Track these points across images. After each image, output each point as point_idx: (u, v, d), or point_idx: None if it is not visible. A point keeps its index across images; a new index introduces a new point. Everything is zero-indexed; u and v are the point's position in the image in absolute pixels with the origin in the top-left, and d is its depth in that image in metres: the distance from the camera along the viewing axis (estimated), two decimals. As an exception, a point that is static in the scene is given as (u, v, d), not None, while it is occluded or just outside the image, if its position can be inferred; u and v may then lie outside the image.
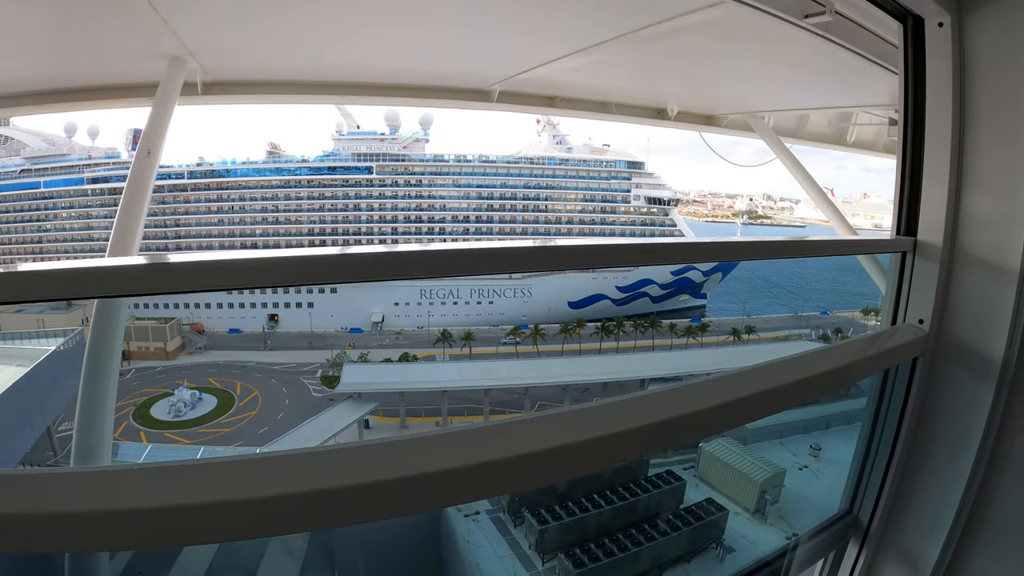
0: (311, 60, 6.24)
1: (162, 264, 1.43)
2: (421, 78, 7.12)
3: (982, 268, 2.68)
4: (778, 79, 7.13)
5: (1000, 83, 2.49)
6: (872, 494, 3.25)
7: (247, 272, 1.61)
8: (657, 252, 2.21)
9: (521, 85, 7.21)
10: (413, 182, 73.67)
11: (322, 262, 1.68)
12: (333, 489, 1.24)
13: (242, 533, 1.21)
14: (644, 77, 7.46)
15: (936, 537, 2.99)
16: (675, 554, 6.95)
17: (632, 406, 1.79)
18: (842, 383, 2.49)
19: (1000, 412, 2.68)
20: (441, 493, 1.43)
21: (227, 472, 1.23)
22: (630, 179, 78.90)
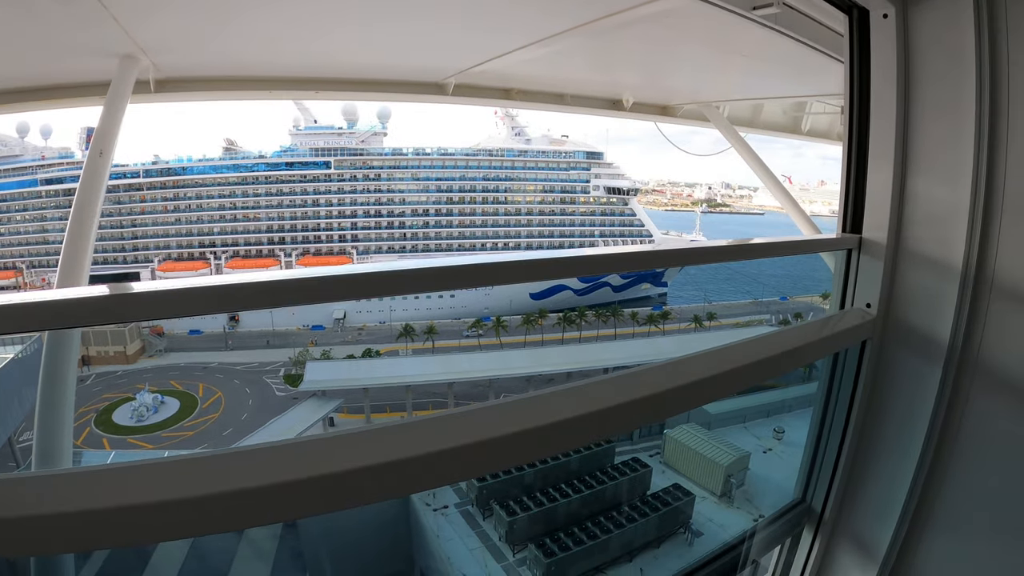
0: (266, 56, 6.18)
1: (122, 295, 1.43)
2: (377, 72, 7.10)
3: (927, 254, 2.74)
4: (732, 69, 7.23)
5: (944, 73, 2.54)
6: (825, 480, 3.33)
7: (214, 298, 1.62)
8: (602, 262, 2.24)
9: (476, 78, 7.22)
10: (372, 176, 72.97)
11: (286, 286, 1.71)
12: (298, 481, 1.26)
13: (206, 528, 1.22)
14: (599, 68, 7.51)
15: (888, 520, 3.07)
16: (644, 540, 7.04)
17: (594, 389, 1.82)
18: (794, 364, 2.55)
19: (948, 393, 2.76)
20: (406, 480, 1.44)
21: (191, 469, 1.24)
22: (589, 170, 79.05)
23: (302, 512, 1.34)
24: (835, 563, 3.47)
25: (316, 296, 1.76)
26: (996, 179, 2.47)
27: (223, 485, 1.20)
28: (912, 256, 2.80)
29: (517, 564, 6.10)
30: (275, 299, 1.72)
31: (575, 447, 1.75)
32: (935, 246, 2.70)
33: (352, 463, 1.32)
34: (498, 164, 76.46)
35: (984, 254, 2.56)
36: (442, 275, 1.96)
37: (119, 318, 1.50)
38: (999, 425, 2.70)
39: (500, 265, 2.08)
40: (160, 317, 1.49)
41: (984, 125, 2.44)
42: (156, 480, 1.20)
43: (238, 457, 1.32)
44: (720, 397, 2.22)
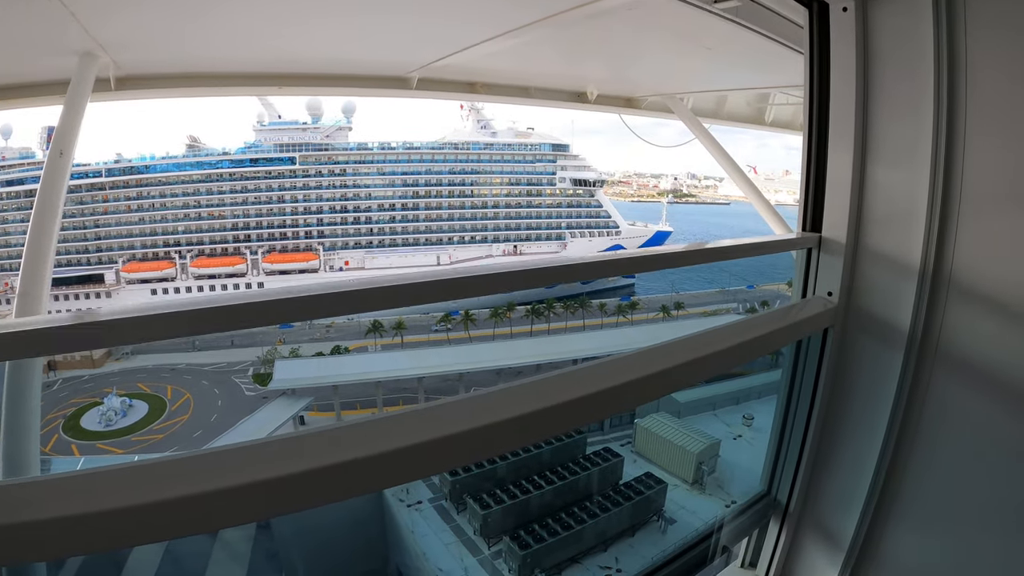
0: (229, 52, 6.10)
1: (94, 323, 1.42)
2: (340, 67, 7.04)
3: (886, 243, 2.79)
4: (696, 62, 7.27)
5: (903, 67, 2.57)
6: (790, 470, 3.39)
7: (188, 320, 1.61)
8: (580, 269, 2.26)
9: (440, 71, 7.20)
10: (337, 171, 72.32)
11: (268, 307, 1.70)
12: (269, 480, 1.27)
13: (178, 531, 1.22)
14: (564, 61, 7.52)
15: (852, 508, 3.13)
16: (618, 529, 7.10)
17: (563, 381, 1.85)
18: (760, 352, 2.58)
19: (909, 379, 2.81)
20: (377, 476, 1.45)
21: (161, 472, 1.24)
22: (555, 162, 79.23)
23: (274, 511, 1.34)
24: (802, 552, 3.54)
25: (312, 312, 1.77)
26: (954, 170, 2.52)
27: (194, 487, 1.20)
28: (872, 245, 2.85)
29: (492, 557, 6.13)
30: (234, 320, 1.70)
31: (546, 438, 1.77)
32: (895, 236, 2.75)
33: (322, 461, 1.33)
34: (464, 157, 76.31)
35: (943, 242, 2.61)
36: (439, 287, 1.96)
37: (89, 346, 1.48)
38: (960, 409, 2.76)
39: (497, 275, 2.08)
40: (132, 342, 1.47)
41: (942, 118, 2.47)
42: (127, 484, 1.19)
43: (208, 459, 1.32)
44: (689, 385, 2.26)
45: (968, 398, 2.72)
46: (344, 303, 1.83)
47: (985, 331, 2.59)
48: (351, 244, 72.75)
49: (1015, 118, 2.37)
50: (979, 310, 2.59)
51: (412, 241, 74.47)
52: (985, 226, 2.52)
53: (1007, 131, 2.40)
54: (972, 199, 2.52)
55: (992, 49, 2.36)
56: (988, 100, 2.41)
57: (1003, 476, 2.72)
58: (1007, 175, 2.43)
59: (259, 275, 69.43)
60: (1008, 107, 2.38)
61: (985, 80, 2.40)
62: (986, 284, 2.56)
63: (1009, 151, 2.41)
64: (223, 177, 69.88)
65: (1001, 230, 2.49)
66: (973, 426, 2.74)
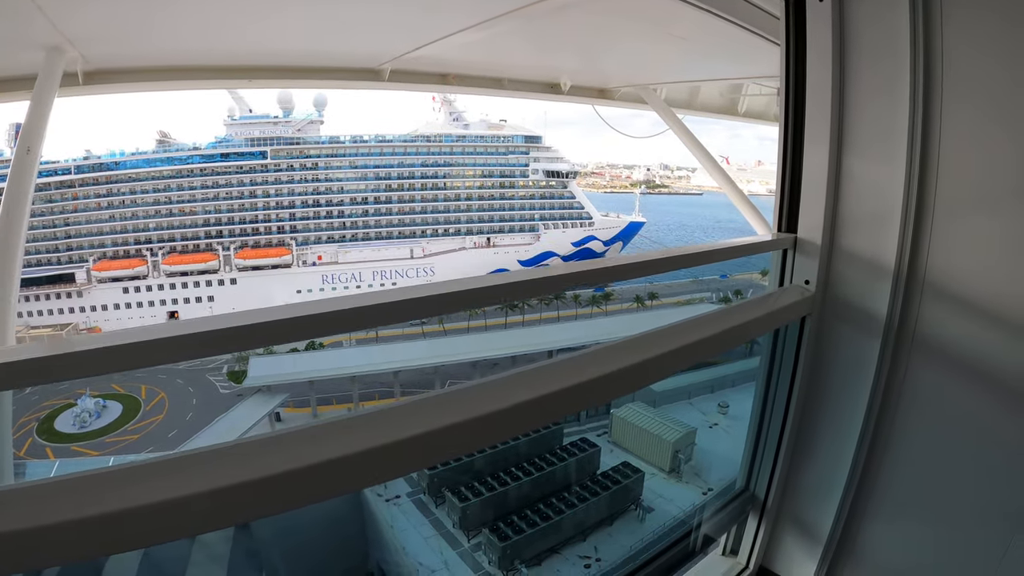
0: (198, 44, 6.02)
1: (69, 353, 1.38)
2: (312, 59, 6.99)
3: (863, 230, 2.81)
4: (668, 52, 7.30)
5: (879, 57, 2.58)
6: (768, 460, 3.42)
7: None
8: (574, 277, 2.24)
9: (412, 63, 7.17)
10: (309, 165, 71.59)
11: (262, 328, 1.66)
12: (246, 483, 1.25)
13: (151, 539, 1.21)
14: (537, 52, 7.51)
15: (831, 497, 3.19)
16: (597, 518, 7.12)
17: (539, 374, 1.84)
18: (737, 341, 2.61)
19: (886, 367, 2.85)
20: (357, 474, 1.45)
21: (136, 477, 1.22)
22: (528, 153, 79.12)
23: (251, 515, 1.32)
24: (783, 541, 3.57)
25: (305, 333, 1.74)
26: (930, 161, 2.54)
27: (171, 492, 1.18)
28: (848, 241, 2.87)
29: (472, 550, 6.14)
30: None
31: (523, 432, 1.77)
32: (871, 223, 2.77)
33: (302, 461, 1.32)
34: (436, 150, 75.94)
35: (919, 231, 2.63)
36: (439, 301, 1.94)
37: (59, 377, 1.44)
38: (936, 397, 2.80)
39: (493, 288, 2.06)
40: (108, 372, 1.43)
41: (918, 108, 2.49)
42: (101, 491, 1.17)
43: (183, 462, 1.29)
44: (668, 375, 2.26)
45: (944, 386, 2.76)
46: (344, 321, 1.80)
47: (960, 321, 2.62)
48: (324, 238, 72.19)
49: (991, 107, 2.39)
50: (954, 301, 2.62)
51: (385, 234, 74.06)
52: (961, 217, 2.55)
53: (983, 122, 2.42)
54: (948, 191, 2.54)
55: (968, 40, 2.38)
56: (964, 91, 2.43)
57: (977, 464, 2.77)
58: (983, 165, 2.46)
59: (232, 271, 68.72)
60: (984, 96, 2.40)
61: (961, 71, 2.41)
62: (961, 276, 2.59)
63: (985, 140, 2.44)
64: (194, 172, 68.83)
65: (977, 221, 2.52)
66: (948, 414, 2.78)
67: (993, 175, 2.43)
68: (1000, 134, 2.39)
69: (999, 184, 2.43)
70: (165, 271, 67.50)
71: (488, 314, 67.44)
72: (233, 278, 68.82)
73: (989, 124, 2.40)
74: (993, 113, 2.39)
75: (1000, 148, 2.40)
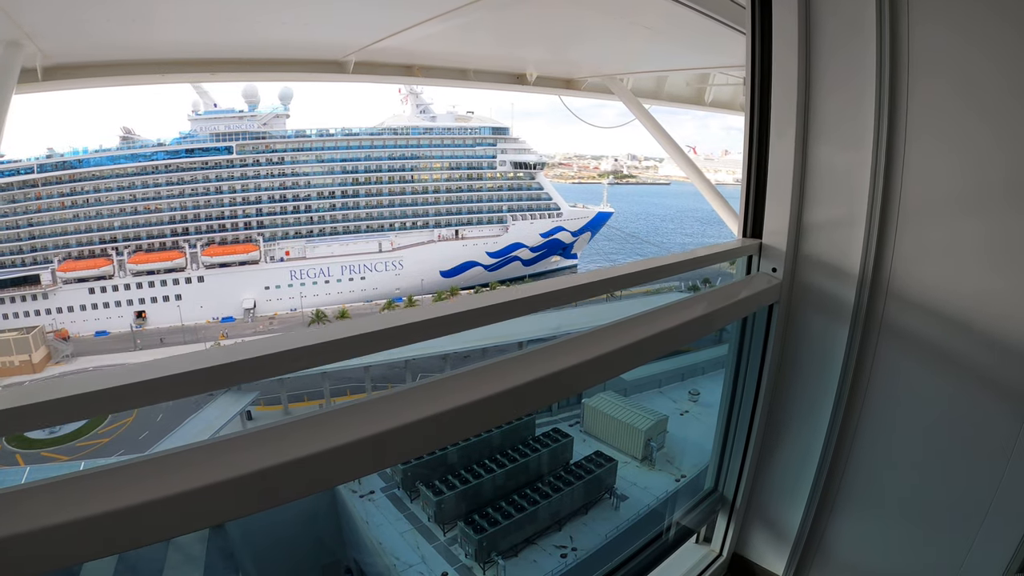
0: (160, 37, 5.91)
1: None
2: (275, 51, 6.91)
3: (829, 216, 2.84)
4: (635, 42, 7.31)
5: (845, 47, 2.59)
6: (739, 450, 3.44)
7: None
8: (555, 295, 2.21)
9: (377, 55, 7.12)
10: (275, 160, 70.67)
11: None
12: (219, 483, 1.23)
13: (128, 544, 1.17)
14: (503, 43, 7.50)
15: (801, 487, 3.23)
16: (572, 508, 7.17)
17: (511, 366, 1.85)
18: (705, 330, 2.61)
19: (855, 354, 2.88)
20: (329, 472, 1.43)
21: (108, 481, 1.20)
22: (495, 145, 78.97)
23: (226, 515, 1.30)
24: (753, 531, 3.62)
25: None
26: (896, 146, 2.56)
27: (143, 495, 1.16)
28: (816, 217, 2.88)
29: (448, 543, 6.14)
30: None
31: (495, 425, 1.77)
32: (838, 210, 2.79)
33: (272, 460, 1.30)
34: (404, 143, 75.47)
35: (886, 217, 2.66)
36: (441, 323, 1.90)
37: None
38: (904, 383, 2.83)
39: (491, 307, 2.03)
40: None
41: (884, 94, 2.51)
42: (73, 496, 1.15)
43: (155, 464, 1.27)
44: (637, 365, 2.27)
45: (912, 372, 2.79)
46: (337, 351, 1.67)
47: (928, 305, 2.65)
48: (291, 234, 71.48)
49: (957, 93, 2.41)
50: (922, 286, 2.65)
51: (353, 228, 73.54)
52: (928, 202, 2.57)
53: (949, 106, 2.44)
54: (914, 176, 2.57)
55: (935, 28, 2.39)
56: (931, 77, 2.45)
57: (943, 451, 2.81)
58: (949, 150, 2.48)
59: (199, 269, 67.81)
60: (950, 82, 2.42)
61: (928, 57, 2.43)
62: (928, 259, 2.62)
63: (951, 125, 2.45)
64: (159, 169, 67.53)
65: (944, 205, 2.55)
66: (916, 400, 2.82)
67: (959, 159, 2.46)
68: (966, 118, 2.42)
69: (965, 167, 2.45)
70: (131, 270, 66.41)
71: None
72: (200, 276, 67.93)
73: (955, 109, 2.42)
74: (959, 98, 2.41)
75: (966, 132, 2.42)
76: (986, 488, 2.69)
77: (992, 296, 2.50)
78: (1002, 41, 2.28)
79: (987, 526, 2.71)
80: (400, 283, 73.00)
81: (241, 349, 1.52)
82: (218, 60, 6.74)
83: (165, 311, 66.41)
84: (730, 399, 3.41)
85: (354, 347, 1.66)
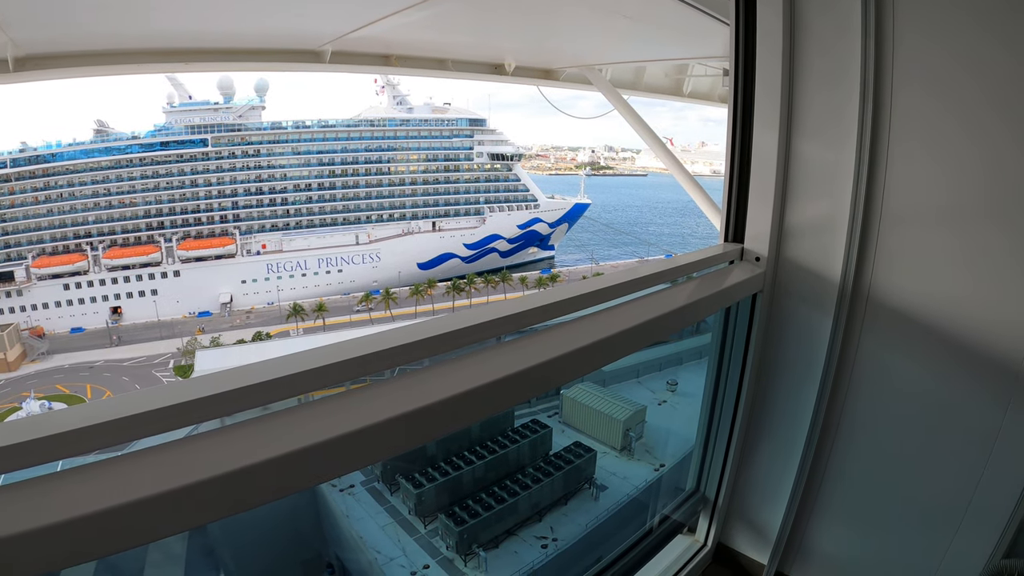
0: (134, 26, 5.81)
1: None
2: (251, 41, 6.83)
3: (813, 209, 2.83)
4: (614, 32, 7.30)
5: (830, 42, 2.58)
6: (723, 440, 3.45)
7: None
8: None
9: (354, 44, 7.05)
10: (251, 152, 70.17)
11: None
12: (199, 483, 1.18)
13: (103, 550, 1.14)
14: (481, 32, 7.46)
15: (787, 474, 3.24)
16: (552, 499, 7.18)
17: (489, 358, 1.83)
18: (688, 321, 2.61)
19: (839, 344, 2.89)
20: (310, 470, 1.39)
21: (86, 481, 1.16)
22: (472, 136, 79.08)
23: (205, 518, 1.25)
24: (738, 520, 3.64)
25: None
26: (880, 144, 2.57)
27: (120, 497, 1.11)
28: (800, 208, 2.88)
29: (429, 536, 6.12)
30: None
31: (477, 420, 1.73)
32: (822, 202, 2.79)
33: (251, 458, 1.25)
34: (380, 134, 75.28)
35: (870, 209, 2.67)
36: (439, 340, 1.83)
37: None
38: (888, 374, 2.85)
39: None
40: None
41: (869, 93, 2.51)
42: (53, 496, 1.12)
43: (133, 462, 1.23)
44: (617, 358, 2.24)
45: (896, 363, 2.81)
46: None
47: (912, 296, 2.66)
48: (268, 227, 71.02)
49: (941, 92, 2.42)
50: (906, 278, 2.67)
51: (330, 221, 73.23)
52: (911, 197, 2.58)
53: (933, 105, 2.45)
54: (898, 173, 2.58)
55: (920, 26, 2.39)
56: (914, 86, 2.46)
57: (926, 447, 2.83)
58: (933, 148, 2.49)
59: (175, 263, 67.16)
60: (935, 82, 2.43)
61: (913, 56, 2.43)
62: (911, 252, 2.64)
63: (935, 123, 2.46)
64: (133, 163, 66.75)
65: (927, 199, 2.55)
66: (900, 390, 2.83)
67: (940, 162, 2.47)
68: (947, 125, 2.43)
69: (946, 170, 2.47)
70: (107, 265, 65.66)
71: (435, 298, 67.36)
72: (176, 270, 67.35)
73: (937, 116, 2.43)
74: (941, 106, 2.42)
75: (946, 138, 2.44)
76: (968, 479, 2.71)
77: (971, 293, 2.52)
78: (984, 53, 2.29)
79: (969, 516, 2.74)
80: (377, 275, 72.87)
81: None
82: (192, 50, 6.64)
83: (141, 306, 65.82)
84: (713, 393, 3.39)
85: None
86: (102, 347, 59.75)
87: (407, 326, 1.77)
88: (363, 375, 1.59)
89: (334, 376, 1.54)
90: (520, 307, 2.00)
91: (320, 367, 1.51)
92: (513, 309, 1.97)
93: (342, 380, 1.56)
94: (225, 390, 1.34)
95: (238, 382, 1.38)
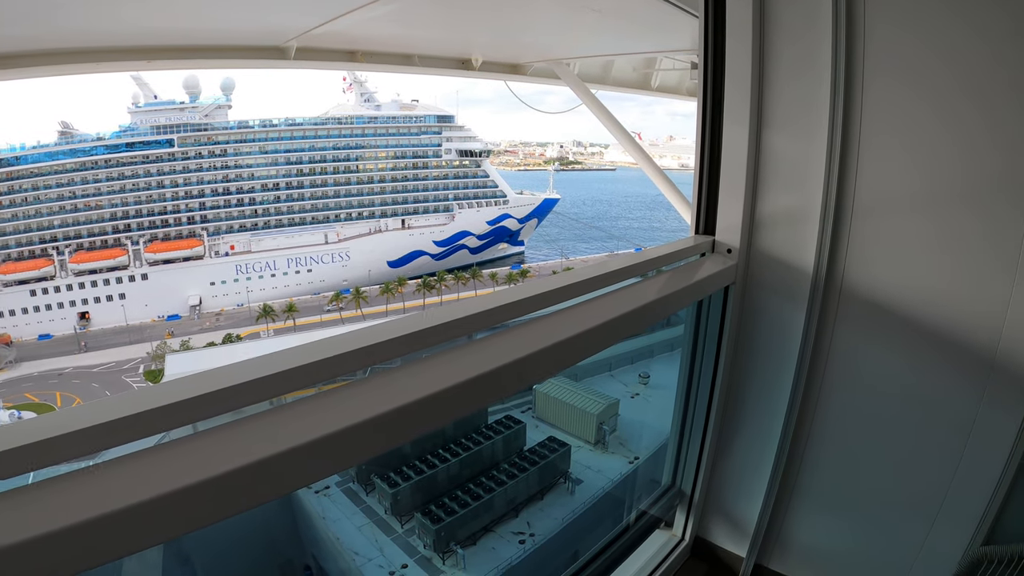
0: (95, 23, 5.70)
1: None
2: (215, 37, 6.73)
3: (784, 201, 2.83)
4: (582, 25, 7.30)
5: (800, 33, 2.58)
6: (697, 434, 3.45)
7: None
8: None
9: (319, 40, 6.99)
10: (218, 152, 69.15)
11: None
12: (173, 492, 1.14)
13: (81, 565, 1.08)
14: (447, 26, 7.42)
15: (762, 467, 3.25)
16: (527, 494, 7.19)
17: (462, 357, 1.81)
18: (660, 315, 2.61)
19: (812, 335, 2.90)
20: (287, 477, 1.36)
21: (53, 495, 1.11)
22: (440, 133, 78.75)
23: (182, 529, 1.21)
24: (715, 514, 3.65)
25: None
26: (851, 134, 2.58)
27: (91, 511, 1.06)
28: (771, 201, 2.88)
29: (406, 535, 6.11)
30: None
31: (455, 419, 1.71)
32: (793, 194, 2.79)
33: (223, 467, 1.21)
34: (348, 132, 74.66)
35: (842, 200, 2.68)
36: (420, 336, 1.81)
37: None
38: (861, 364, 2.88)
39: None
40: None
41: (840, 83, 2.51)
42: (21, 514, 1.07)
43: (104, 472, 1.18)
44: (591, 354, 2.22)
45: (869, 353, 2.83)
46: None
47: (884, 287, 2.68)
48: (236, 227, 70.17)
49: (912, 82, 2.43)
50: (878, 267, 2.69)
51: (298, 220, 72.58)
52: (883, 187, 2.60)
53: (904, 96, 2.46)
54: (869, 164, 2.59)
55: (890, 17, 2.39)
56: (885, 77, 2.47)
57: (902, 437, 2.86)
58: (904, 139, 2.51)
59: (142, 266, 66.11)
60: (905, 72, 2.44)
61: (882, 56, 2.45)
62: (884, 243, 2.66)
63: (906, 113, 2.47)
64: (98, 164, 65.39)
65: (899, 189, 2.57)
66: (872, 380, 2.86)
67: (912, 151, 2.49)
68: (919, 113, 2.44)
69: (918, 159, 2.48)
70: (73, 270, 64.43)
71: (405, 296, 67.14)
72: (144, 273, 66.31)
73: (909, 105, 2.45)
74: (913, 95, 2.43)
75: (919, 126, 2.45)
76: (945, 467, 2.74)
77: (945, 282, 2.54)
78: (956, 41, 2.30)
79: (947, 504, 2.77)
80: (347, 274, 72.42)
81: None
82: (155, 47, 6.53)
83: (109, 311, 64.72)
84: (686, 386, 3.39)
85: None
86: (71, 353, 58.77)
87: (378, 324, 1.74)
88: (336, 376, 1.55)
89: (306, 377, 1.50)
90: (491, 304, 1.96)
91: (292, 368, 1.47)
92: (484, 306, 1.94)
93: (315, 381, 1.52)
94: (196, 394, 1.30)
95: (210, 386, 1.33)
